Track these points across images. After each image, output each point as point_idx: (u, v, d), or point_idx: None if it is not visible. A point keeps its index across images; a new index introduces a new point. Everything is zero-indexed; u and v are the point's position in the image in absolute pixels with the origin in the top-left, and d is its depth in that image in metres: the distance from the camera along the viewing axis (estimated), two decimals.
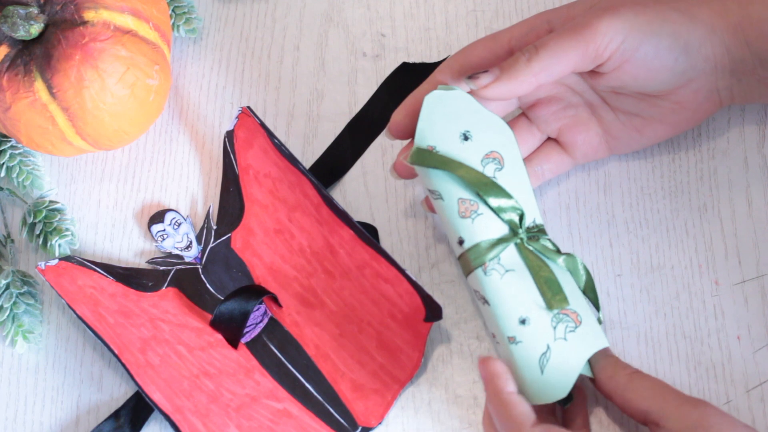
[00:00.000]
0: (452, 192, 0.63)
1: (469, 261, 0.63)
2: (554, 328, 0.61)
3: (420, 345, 0.68)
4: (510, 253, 0.63)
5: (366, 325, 0.69)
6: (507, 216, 0.63)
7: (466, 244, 0.63)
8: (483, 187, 0.62)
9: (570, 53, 0.62)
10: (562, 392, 0.61)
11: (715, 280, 0.69)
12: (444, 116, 0.64)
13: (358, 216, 0.73)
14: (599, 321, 0.65)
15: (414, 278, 0.69)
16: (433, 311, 0.68)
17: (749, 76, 0.65)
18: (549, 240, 0.64)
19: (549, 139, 0.70)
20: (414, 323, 0.69)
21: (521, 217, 0.63)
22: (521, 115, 0.70)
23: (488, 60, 0.66)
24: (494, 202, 0.63)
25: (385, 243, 0.72)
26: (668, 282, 0.69)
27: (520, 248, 0.63)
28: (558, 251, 0.64)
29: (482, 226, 0.63)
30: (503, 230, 0.63)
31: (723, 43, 0.64)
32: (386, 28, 0.78)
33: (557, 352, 0.61)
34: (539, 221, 0.64)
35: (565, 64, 0.62)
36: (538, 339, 0.61)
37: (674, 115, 0.67)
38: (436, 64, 0.76)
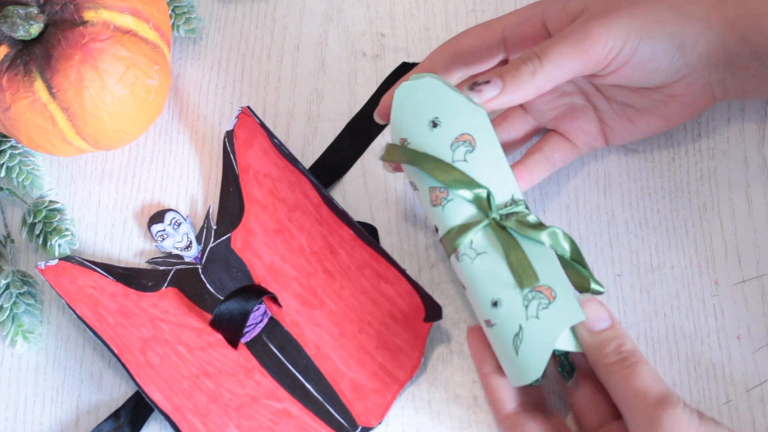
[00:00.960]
0: (424, 182, 0.63)
1: (446, 248, 0.63)
2: (526, 307, 0.60)
3: (420, 345, 0.68)
4: (482, 236, 0.62)
5: (366, 325, 0.69)
6: (474, 197, 0.62)
7: (441, 232, 0.63)
8: (447, 180, 0.62)
9: (572, 63, 0.62)
10: (536, 372, 0.59)
11: (715, 280, 0.69)
12: (413, 106, 0.63)
13: (358, 216, 0.73)
14: (596, 292, 0.62)
15: (414, 278, 0.69)
16: (433, 311, 0.68)
17: (743, 70, 0.65)
18: (530, 215, 0.62)
19: None
20: (414, 323, 0.69)
21: (489, 196, 0.62)
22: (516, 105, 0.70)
23: (480, 48, 0.66)
24: (461, 192, 0.62)
25: (385, 243, 0.72)
26: (668, 282, 0.69)
27: (494, 228, 0.62)
28: (539, 225, 0.62)
29: (452, 213, 0.63)
30: (474, 214, 0.62)
31: (718, 38, 0.64)
32: (386, 28, 0.78)
33: (529, 331, 0.59)
34: (518, 196, 0.63)
35: (567, 74, 0.62)
36: (510, 320, 0.60)
37: (667, 107, 0.67)
38: None
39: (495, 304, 0.61)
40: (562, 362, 0.63)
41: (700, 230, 0.70)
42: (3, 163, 0.75)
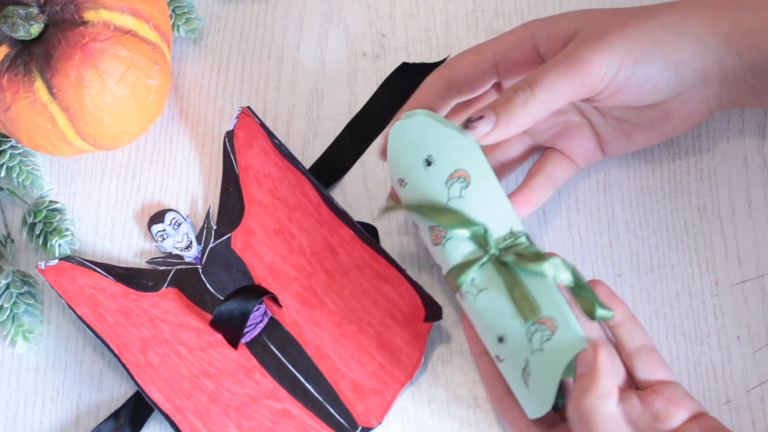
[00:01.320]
0: (424, 222, 0.63)
1: (451, 286, 0.63)
2: (530, 340, 0.59)
3: (420, 345, 0.68)
4: (484, 272, 0.62)
5: (366, 325, 0.69)
6: (472, 235, 0.62)
7: (444, 270, 0.63)
8: (444, 223, 0.62)
9: (565, 90, 0.61)
10: (547, 404, 0.58)
11: (715, 280, 0.69)
12: (408, 146, 0.63)
13: (358, 216, 0.73)
14: (603, 317, 0.61)
15: (414, 278, 0.69)
16: (433, 311, 0.68)
17: (739, 84, 0.64)
18: (530, 246, 0.62)
19: None
20: (414, 323, 0.69)
21: (486, 232, 0.62)
22: None
23: (473, 75, 0.66)
24: (459, 233, 0.62)
25: (385, 243, 0.72)
26: (668, 282, 0.69)
27: (494, 264, 0.62)
28: (539, 256, 0.61)
29: (453, 251, 0.62)
30: (474, 250, 0.62)
31: (713, 55, 0.63)
32: (386, 28, 0.78)
33: (536, 364, 0.59)
34: (518, 228, 0.62)
35: (560, 101, 0.61)
36: (517, 354, 0.60)
37: (663, 122, 0.67)
38: (436, 64, 0.76)
39: (501, 339, 0.61)
40: None
41: (700, 230, 0.70)
42: (3, 163, 0.75)
